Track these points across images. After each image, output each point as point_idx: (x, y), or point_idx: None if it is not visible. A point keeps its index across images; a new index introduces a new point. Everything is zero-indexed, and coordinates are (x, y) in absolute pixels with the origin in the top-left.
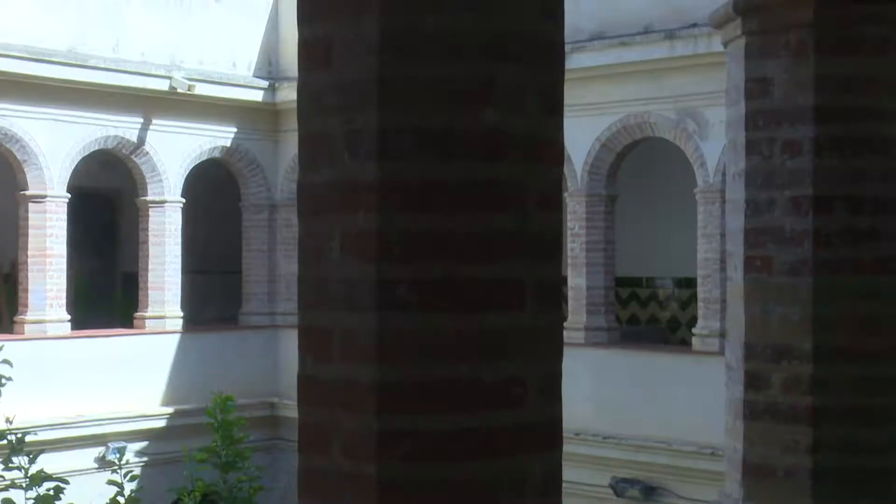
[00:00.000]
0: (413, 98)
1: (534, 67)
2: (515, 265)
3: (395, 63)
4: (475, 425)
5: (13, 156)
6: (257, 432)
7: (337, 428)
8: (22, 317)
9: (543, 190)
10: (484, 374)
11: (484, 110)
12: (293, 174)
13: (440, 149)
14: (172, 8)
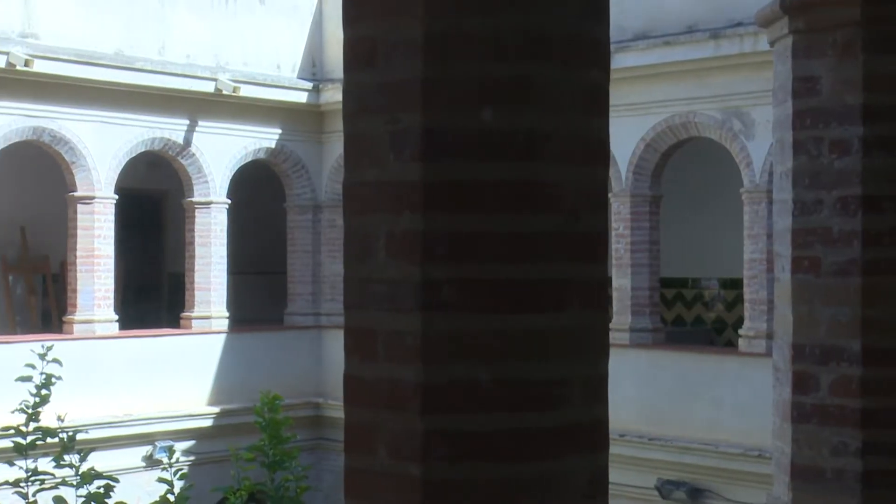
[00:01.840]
0: (457, 98)
1: (579, 68)
2: (560, 266)
3: (439, 63)
4: (520, 426)
5: (62, 157)
6: (302, 432)
7: (382, 428)
8: (71, 317)
9: (588, 190)
10: (528, 375)
11: (528, 111)
12: (337, 175)
13: (484, 149)
14: (217, 10)
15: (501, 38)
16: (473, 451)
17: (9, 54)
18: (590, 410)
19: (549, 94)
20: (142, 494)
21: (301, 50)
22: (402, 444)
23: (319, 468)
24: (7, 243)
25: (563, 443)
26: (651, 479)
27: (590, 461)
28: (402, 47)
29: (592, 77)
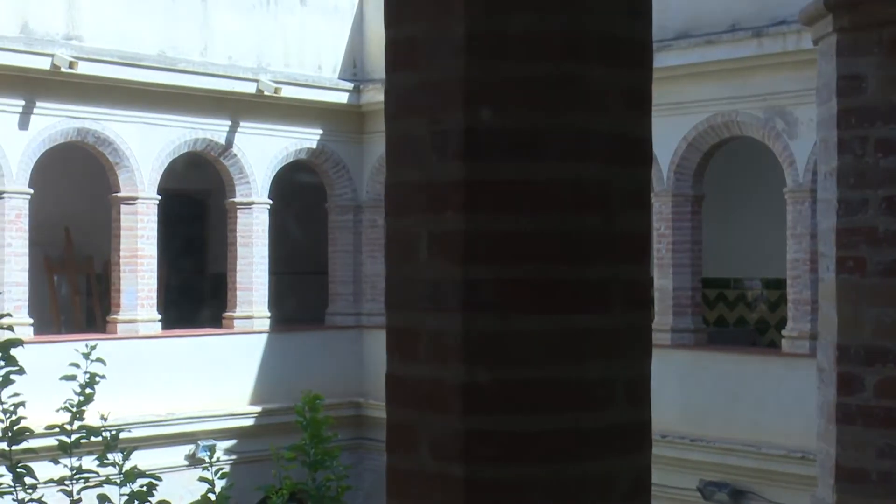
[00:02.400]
0: (499, 98)
1: (621, 67)
2: (602, 266)
3: (481, 63)
4: (562, 427)
5: (106, 158)
6: (342, 432)
7: (424, 428)
8: (114, 316)
9: (631, 190)
10: (570, 376)
11: (570, 110)
12: (378, 175)
13: (526, 149)
14: (259, 11)
15: (543, 37)
16: (515, 451)
17: (53, 56)
18: (632, 411)
19: (591, 94)
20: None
21: (342, 50)
22: (443, 445)
23: (360, 468)
24: (52, 243)
25: (605, 444)
26: (693, 481)
27: (632, 462)
28: (444, 47)
29: (635, 76)
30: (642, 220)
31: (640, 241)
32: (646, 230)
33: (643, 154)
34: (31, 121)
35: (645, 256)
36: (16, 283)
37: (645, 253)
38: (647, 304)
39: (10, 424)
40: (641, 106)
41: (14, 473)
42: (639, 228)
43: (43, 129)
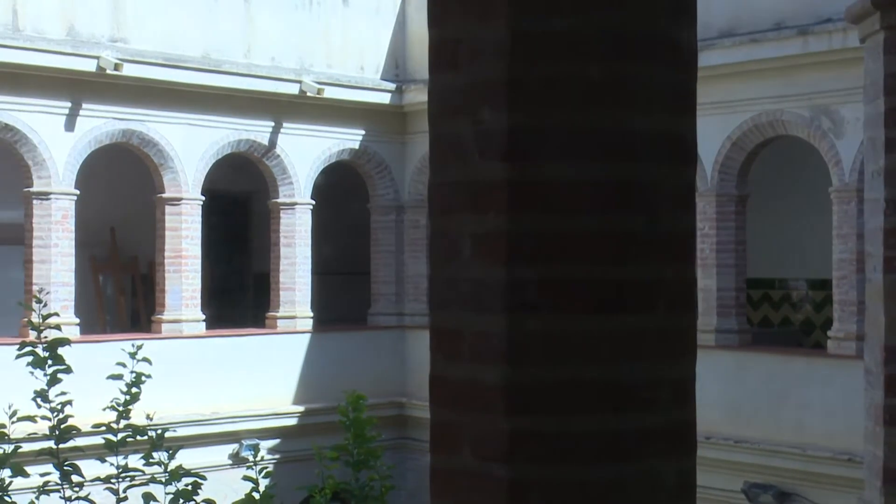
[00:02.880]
0: (542, 98)
1: (665, 66)
2: (647, 266)
3: (524, 64)
4: (606, 427)
5: (150, 159)
6: (385, 432)
7: (467, 428)
8: (159, 316)
9: (675, 190)
10: (614, 376)
11: (613, 110)
12: (420, 176)
13: (570, 149)
14: (302, 13)
15: (586, 37)
16: (559, 452)
17: (99, 59)
18: (677, 412)
19: (636, 94)
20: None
21: (384, 51)
22: (487, 445)
23: (403, 468)
24: (97, 244)
25: (649, 445)
26: (738, 483)
27: (677, 463)
28: (488, 48)
29: (679, 76)
30: (687, 219)
31: (684, 241)
32: (691, 230)
33: (688, 154)
34: (77, 122)
35: (690, 256)
36: (63, 283)
37: (690, 253)
38: (693, 304)
39: (57, 423)
40: (686, 105)
41: (61, 471)
42: (683, 228)
43: (89, 131)
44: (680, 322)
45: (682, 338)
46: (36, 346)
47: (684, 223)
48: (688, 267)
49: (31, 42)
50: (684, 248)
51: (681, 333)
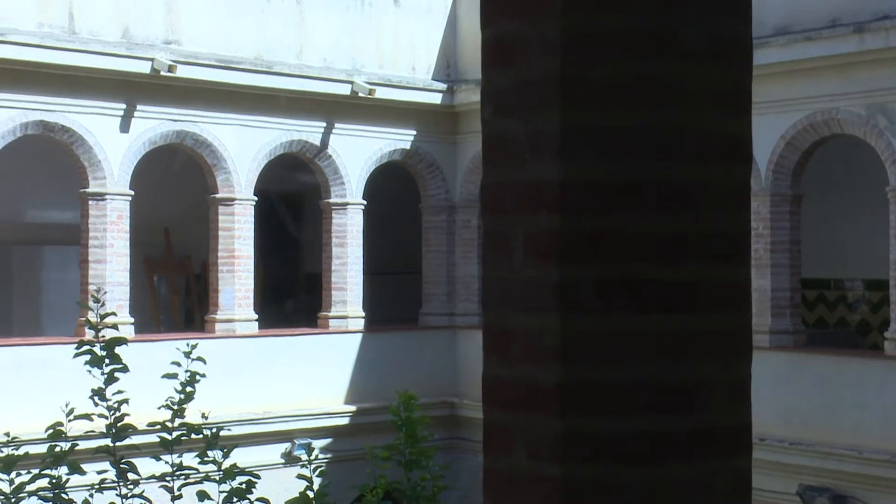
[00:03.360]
0: (595, 98)
1: (720, 65)
2: (700, 266)
3: (577, 63)
4: (660, 428)
5: (204, 160)
6: (437, 432)
7: (520, 429)
8: (212, 316)
9: (729, 190)
10: (667, 377)
11: (667, 110)
12: (472, 176)
13: (623, 149)
14: (353, 13)
15: (640, 36)
16: (613, 452)
17: (153, 61)
18: (732, 413)
19: (690, 93)
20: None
21: (435, 51)
22: (540, 445)
23: (455, 468)
24: (152, 244)
25: (704, 446)
26: (793, 485)
27: (732, 465)
28: (540, 46)
29: (734, 74)
30: (741, 219)
31: (738, 241)
32: (745, 230)
33: (742, 153)
34: (131, 124)
35: (744, 257)
36: (118, 282)
37: (744, 253)
38: (747, 304)
39: (114, 421)
40: (741, 104)
41: (118, 469)
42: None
43: (143, 132)
44: (734, 322)
45: (737, 338)
46: (93, 346)
47: (738, 223)
48: (742, 267)
49: (87, 45)
50: (738, 248)
51: (735, 334)
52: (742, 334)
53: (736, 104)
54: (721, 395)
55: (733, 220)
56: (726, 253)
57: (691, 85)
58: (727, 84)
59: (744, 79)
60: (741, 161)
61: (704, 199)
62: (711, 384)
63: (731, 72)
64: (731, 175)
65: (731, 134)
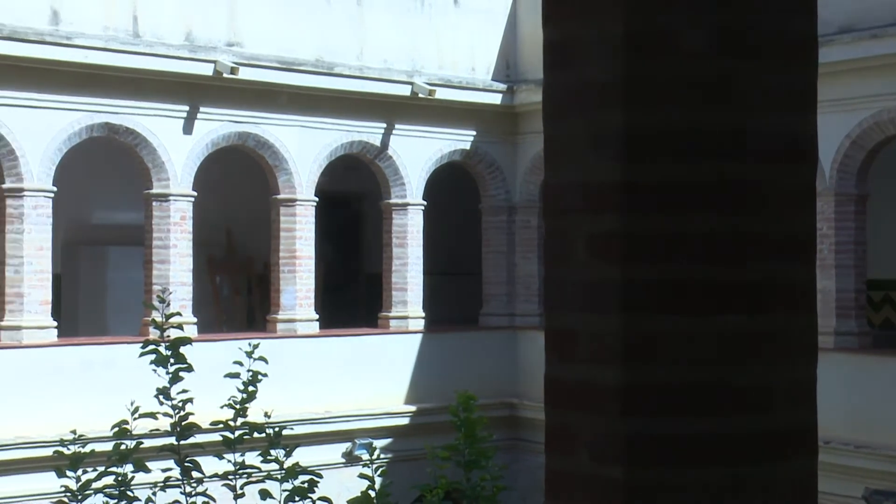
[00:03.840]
0: (658, 98)
1: (785, 64)
2: (764, 267)
3: (640, 63)
4: (722, 430)
5: (265, 161)
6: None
7: (582, 430)
8: (274, 316)
9: (794, 190)
10: (731, 378)
11: (730, 109)
12: (532, 176)
13: (686, 149)
14: (413, 14)
15: (702, 36)
16: (676, 454)
17: (216, 63)
18: (795, 415)
19: (754, 92)
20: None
21: (495, 52)
22: (603, 447)
23: (515, 468)
24: (214, 245)
25: (767, 448)
26: (858, 489)
27: (797, 467)
28: (603, 46)
29: (799, 73)
30: (806, 220)
31: (803, 242)
32: (810, 230)
33: (807, 153)
34: (194, 125)
35: (809, 257)
36: (181, 282)
37: (809, 254)
38: (812, 305)
39: (178, 420)
40: (806, 103)
41: (182, 467)
42: (802, 229)
43: (206, 134)
44: (798, 323)
45: (801, 339)
46: (158, 345)
47: (803, 223)
48: (806, 268)
49: (151, 48)
50: (803, 248)
51: (799, 335)
52: (807, 336)
53: (801, 103)
54: (785, 396)
55: (798, 220)
56: (791, 254)
57: (756, 84)
58: (792, 83)
59: (809, 77)
60: (806, 161)
61: (769, 200)
62: (776, 386)
63: (796, 71)
64: (797, 175)
65: (797, 133)
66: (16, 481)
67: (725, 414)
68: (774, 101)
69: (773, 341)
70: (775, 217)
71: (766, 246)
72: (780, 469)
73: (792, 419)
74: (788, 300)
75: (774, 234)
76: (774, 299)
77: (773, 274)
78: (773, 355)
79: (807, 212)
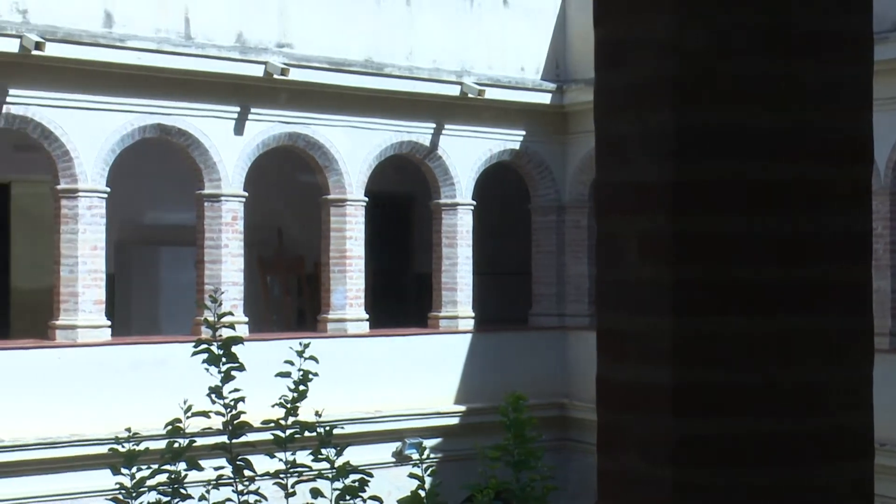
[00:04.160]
0: (710, 97)
1: (839, 62)
2: (817, 267)
3: (691, 62)
4: (774, 431)
5: (315, 162)
6: (547, 432)
7: (634, 431)
8: (324, 315)
9: (848, 189)
10: (784, 379)
11: (784, 108)
12: (581, 176)
13: (738, 148)
14: (462, 15)
15: (756, 34)
16: (727, 455)
17: (266, 64)
18: (851, 417)
19: (808, 91)
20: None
21: (545, 51)
22: (654, 448)
23: (565, 469)
24: (265, 245)
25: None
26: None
27: (852, 470)
28: (654, 45)
29: (854, 71)
30: (861, 219)
31: (858, 242)
32: (866, 230)
33: (862, 151)
34: (245, 126)
35: (864, 257)
36: (232, 282)
37: (864, 254)
38: (867, 307)
39: (230, 418)
40: (861, 101)
41: (234, 466)
42: (857, 228)
43: (257, 135)
44: (853, 325)
45: (857, 340)
46: (210, 344)
47: (858, 223)
48: (862, 268)
49: (202, 49)
50: (858, 248)
51: (854, 336)
52: (863, 336)
53: (856, 101)
54: (840, 398)
55: (853, 219)
56: (846, 253)
57: (809, 82)
58: (847, 81)
59: (864, 75)
60: (861, 160)
61: (823, 199)
62: (830, 387)
63: (850, 68)
64: (851, 174)
65: (852, 132)
66: (70, 478)
67: (778, 415)
68: (828, 99)
69: (827, 342)
70: (830, 217)
71: (821, 246)
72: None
73: (847, 421)
74: (843, 300)
75: (829, 234)
76: (829, 300)
77: (827, 274)
78: (828, 356)
79: (862, 211)
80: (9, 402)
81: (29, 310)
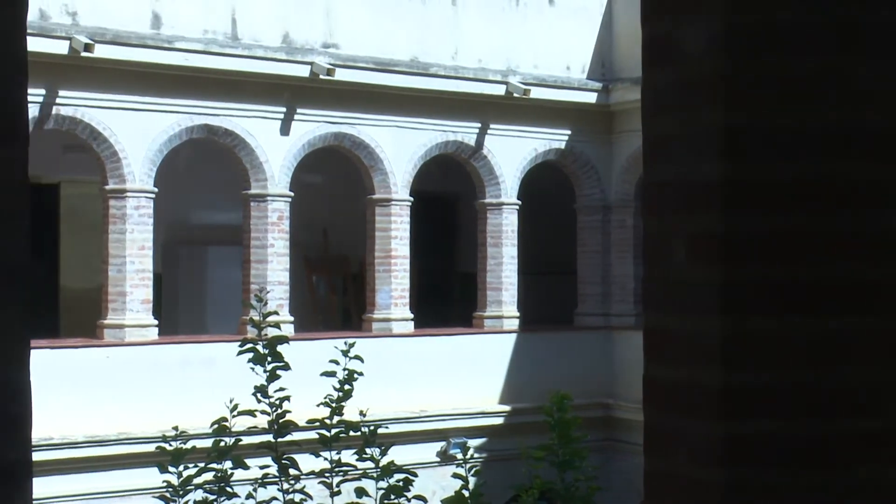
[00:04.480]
0: (759, 96)
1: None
2: (867, 267)
3: (740, 60)
4: (824, 432)
5: (361, 161)
6: (592, 432)
7: (681, 432)
8: (369, 315)
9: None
10: (832, 380)
11: (834, 107)
12: (627, 175)
13: (787, 147)
14: (508, 14)
15: (807, 30)
16: (776, 456)
17: (312, 64)
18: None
19: (861, 89)
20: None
21: (590, 50)
22: (701, 449)
23: (609, 469)
24: (311, 244)
25: (873, 451)
26: None
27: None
28: (703, 44)
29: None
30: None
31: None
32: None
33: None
34: (291, 126)
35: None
36: (278, 282)
37: None
38: None
39: (276, 417)
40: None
41: (279, 465)
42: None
43: (303, 135)
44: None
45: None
46: (256, 344)
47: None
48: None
49: (249, 50)
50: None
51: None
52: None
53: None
54: (889, 398)
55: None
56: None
57: (862, 81)
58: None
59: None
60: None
61: (874, 199)
62: (881, 388)
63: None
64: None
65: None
66: (118, 476)
67: (828, 416)
68: (882, 97)
69: (878, 342)
70: (880, 217)
71: (871, 246)
72: (887, 472)
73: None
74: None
75: (879, 235)
76: (880, 300)
77: (877, 274)
78: (879, 356)
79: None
80: (58, 401)
81: (77, 309)
